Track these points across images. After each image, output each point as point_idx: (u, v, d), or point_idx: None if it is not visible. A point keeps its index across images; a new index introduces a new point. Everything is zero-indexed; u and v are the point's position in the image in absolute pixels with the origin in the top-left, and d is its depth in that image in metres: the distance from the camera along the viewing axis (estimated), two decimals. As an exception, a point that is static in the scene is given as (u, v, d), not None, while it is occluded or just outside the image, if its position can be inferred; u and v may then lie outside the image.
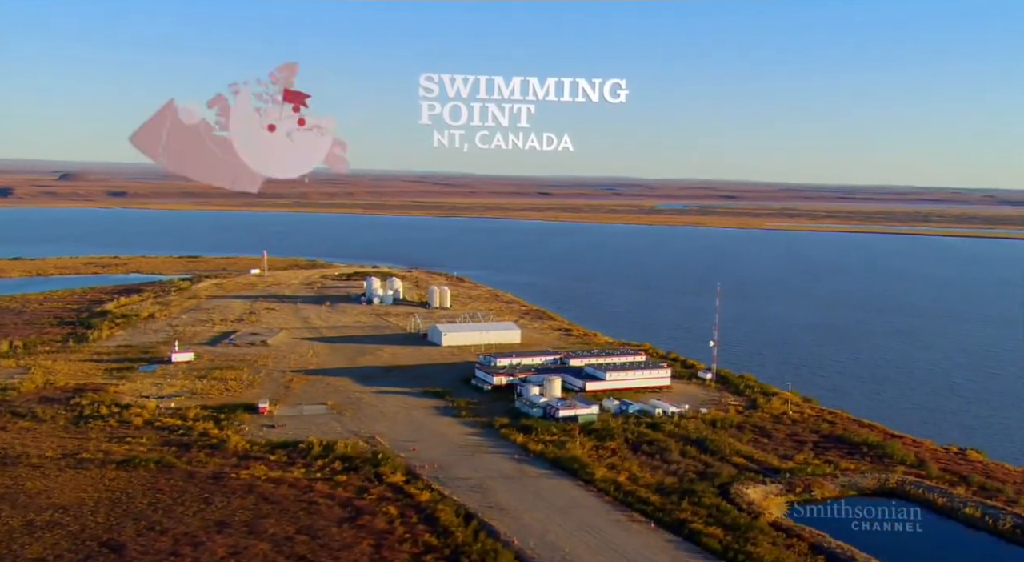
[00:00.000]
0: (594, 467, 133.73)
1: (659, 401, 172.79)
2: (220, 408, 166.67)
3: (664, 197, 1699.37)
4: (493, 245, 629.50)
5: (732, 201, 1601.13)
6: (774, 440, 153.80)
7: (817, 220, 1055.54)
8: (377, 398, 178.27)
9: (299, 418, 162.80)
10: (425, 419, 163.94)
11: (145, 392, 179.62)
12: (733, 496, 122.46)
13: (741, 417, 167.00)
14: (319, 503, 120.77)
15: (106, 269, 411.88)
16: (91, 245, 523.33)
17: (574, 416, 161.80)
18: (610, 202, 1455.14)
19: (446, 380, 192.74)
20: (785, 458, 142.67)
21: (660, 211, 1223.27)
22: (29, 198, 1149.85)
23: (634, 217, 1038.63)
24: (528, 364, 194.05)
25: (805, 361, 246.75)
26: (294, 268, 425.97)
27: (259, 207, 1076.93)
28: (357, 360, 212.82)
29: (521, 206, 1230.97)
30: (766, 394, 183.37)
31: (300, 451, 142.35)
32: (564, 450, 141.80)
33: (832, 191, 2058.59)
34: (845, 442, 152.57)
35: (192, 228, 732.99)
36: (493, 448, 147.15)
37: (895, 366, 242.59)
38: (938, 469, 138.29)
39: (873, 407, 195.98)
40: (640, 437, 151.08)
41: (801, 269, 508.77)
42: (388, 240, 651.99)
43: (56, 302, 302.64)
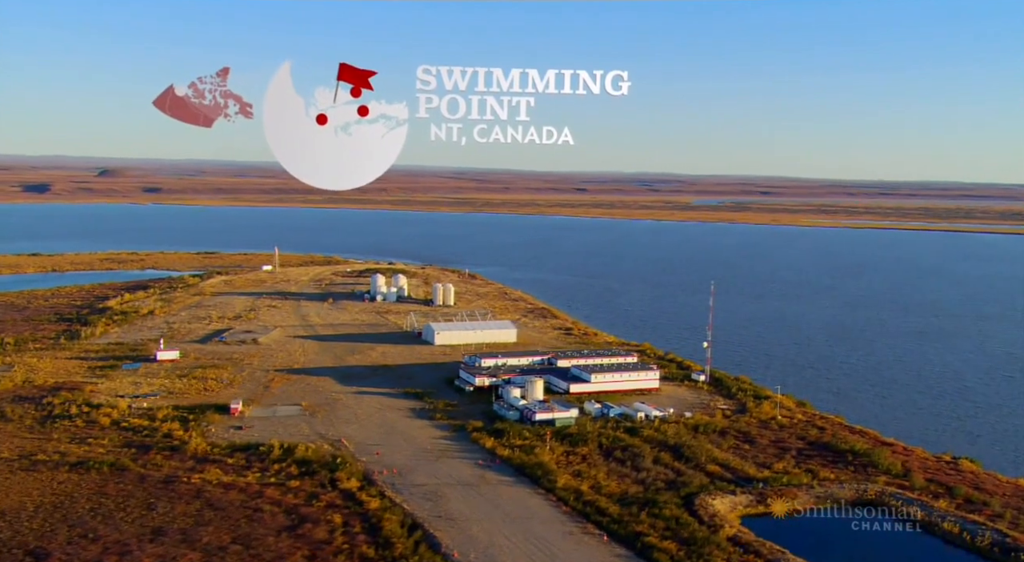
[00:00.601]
0: (558, 474, 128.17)
1: (643, 404, 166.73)
2: (192, 408, 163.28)
3: (702, 193, 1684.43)
4: (517, 242, 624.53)
5: (770, 197, 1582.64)
6: (756, 447, 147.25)
7: (854, 216, 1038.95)
8: (355, 399, 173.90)
9: (270, 419, 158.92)
10: (398, 421, 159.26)
11: (122, 391, 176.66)
12: (697, 508, 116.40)
13: (727, 422, 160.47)
14: (264, 510, 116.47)
15: (122, 265, 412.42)
16: (117, 241, 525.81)
17: (551, 420, 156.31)
18: (645, 198, 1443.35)
19: (430, 381, 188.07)
20: (763, 466, 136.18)
21: (695, 207, 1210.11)
22: (66, 194, 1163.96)
23: (667, 213, 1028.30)
24: (514, 365, 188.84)
25: (814, 362, 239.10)
26: (310, 264, 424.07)
27: (290, 203, 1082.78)
28: (345, 359, 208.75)
29: (554, 202, 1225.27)
30: (758, 397, 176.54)
31: (260, 454, 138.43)
32: (531, 456, 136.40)
33: (875, 187, 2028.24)
34: (831, 450, 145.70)
35: (219, 224, 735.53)
36: (460, 453, 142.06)
37: (907, 368, 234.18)
38: (924, 480, 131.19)
39: (875, 411, 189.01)
40: (615, 442, 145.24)
41: (830, 267, 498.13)
42: (412, 236, 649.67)
43: (62, 298, 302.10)
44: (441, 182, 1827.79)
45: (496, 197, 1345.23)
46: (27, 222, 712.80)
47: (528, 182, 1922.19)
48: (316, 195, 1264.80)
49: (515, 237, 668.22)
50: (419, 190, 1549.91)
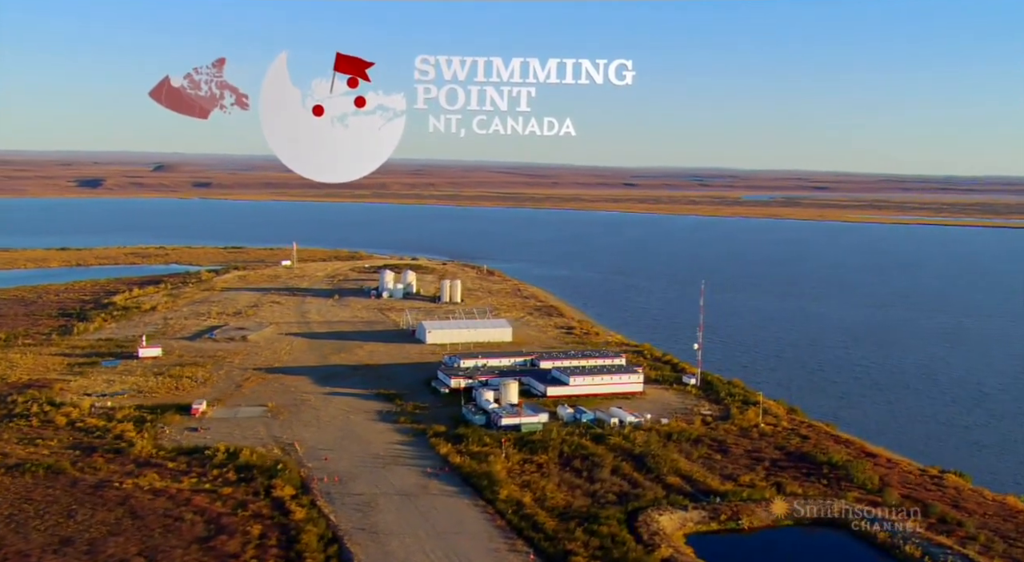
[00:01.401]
0: (504, 485, 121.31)
1: (619, 409, 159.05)
2: (154, 408, 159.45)
3: (753, 188, 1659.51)
4: (552, 237, 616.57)
5: (823, 192, 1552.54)
6: (729, 456, 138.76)
7: (907, 212, 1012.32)
8: (324, 400, 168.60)
9: (230, 421, 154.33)
10: (360, 424, 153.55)
11: (93, 389, 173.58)
12: (639, 525, 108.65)
13: (705, 429, 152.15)
14: (185, 519, 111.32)
15: (146, 260, 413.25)
16: (152, 235, 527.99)
17: (516, 425, 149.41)
18: (695, 193, 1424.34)
19: (409, 381, 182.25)
20: (729, 479, 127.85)
21: (744, 203, 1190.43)
22: (117, 189, 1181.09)
23: (713, 209, 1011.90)
24: (494, 366, 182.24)
25: (825, 365, 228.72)
26: (333, 260, 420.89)
27: (336, 198, 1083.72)
28: (330, 358, 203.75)
29: (600, 197, 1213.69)
30: (747, 403, 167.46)
31: (203, 458, 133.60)
32: (483, 464, 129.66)
33: (934, 182, 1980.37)
34: (808, 461, 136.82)
35: (258, 218, 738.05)
36: (413, 459, 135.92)
37: (924, 372, 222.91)
38: (899, 496, 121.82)
39: (878, 418, 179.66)
40: (577, 450, 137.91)
41: (870, 264, 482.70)
42: (448, 231, 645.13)
43: (73, 293, 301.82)
44: (492, 177, 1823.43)
45: (542, 192, 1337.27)
46: (70, 216, 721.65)
47: (578, 177, 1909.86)
48: (363, 190, 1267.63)
49: (552, 233, 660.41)
50: (469, 185, 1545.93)
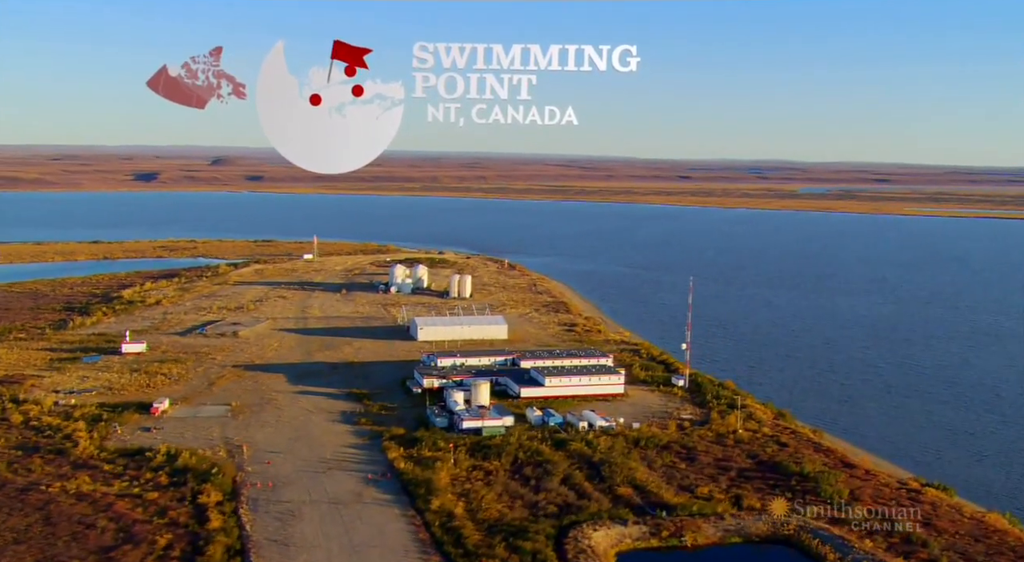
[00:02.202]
0: (440, 494, 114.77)
1: (591, 412, 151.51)
2: (116, 406, 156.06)
3: (812, 181, 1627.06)
4: (591, 230, 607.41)
5: (883, 185, 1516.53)
6: (695, 465, 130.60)
7: (968, 205, 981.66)
8: (291, 399, 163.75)
9: (187, 420, 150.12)
10: (318, 425, 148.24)
11: (66, 386, 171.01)
12: (568, 541, 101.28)
13: (678, 434, 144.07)
14: (98, 527, 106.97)
15: (173, 253, 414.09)
16: (188, 228, 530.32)
17: (478, 428, 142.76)
18: (750, 186, 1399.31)
19: (386, 380, 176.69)
20: (686, 490, 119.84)
21: (799, 196, 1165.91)
22: (171, 182, 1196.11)
23: (765, 202, 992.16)
24: (472, 365, 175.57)
25: (837, 365, 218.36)
26: (360, 253, 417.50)
27: (386, 191, 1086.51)
28: (314, 355, 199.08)
29: (651, 190, 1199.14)
30: (733, 407, 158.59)
31: (143, 460, 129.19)
32: (428, 471, 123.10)
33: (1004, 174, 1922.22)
34: (778, 471, 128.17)
35: (300, 212, 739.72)
36: (359, 463, 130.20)
37: (941, 374, 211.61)
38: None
39: (877, 424, 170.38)
40: (532, 457, 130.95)
41: (913, 259, 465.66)
42: (487, 224, 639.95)
43: (88, 286, 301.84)
44: (546, 169, 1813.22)
45: (594, 185, 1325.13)
46: (115, 209, 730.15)
47: (633, 170, 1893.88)
48: (412, 183, 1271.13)
49: (592, 226, 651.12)
50: (521, 178, 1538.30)
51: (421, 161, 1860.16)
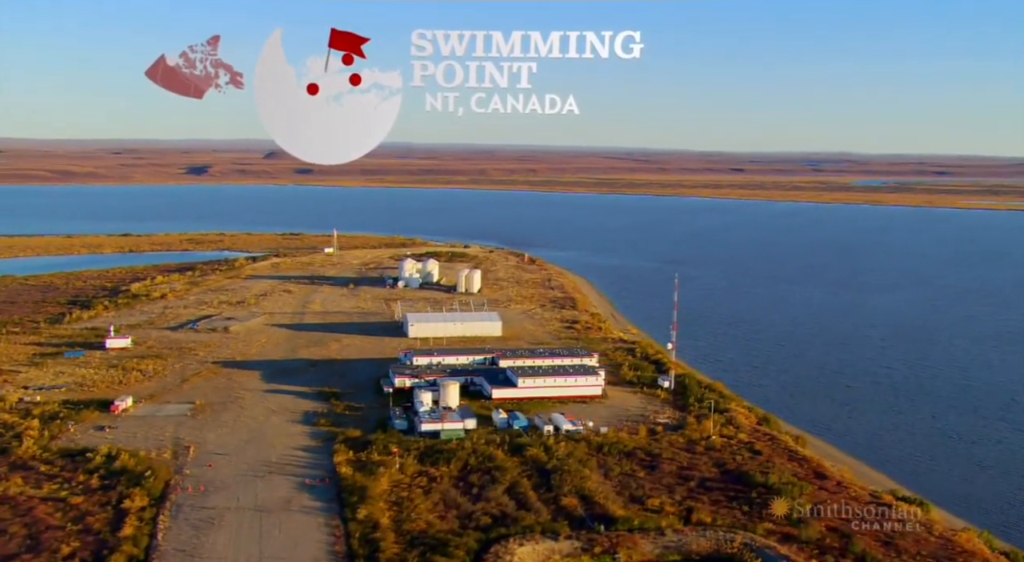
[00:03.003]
0: (372, 502, 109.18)
1: (560, 415, 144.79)
2: (78, 404, 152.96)
3: (868, 173, 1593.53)
4: (628, 224, 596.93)
5: (943, 177, 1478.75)
6: (656, 474, 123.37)
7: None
8: (258, 398, 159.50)
9: (146, 419, 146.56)
10: (276, 426, 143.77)
11: (40, 382, 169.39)
12: (489, 557, 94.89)
13: (647, 440, 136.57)
14: (9, 532, 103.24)
15: (198, 246, 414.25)
16: (220, 222, 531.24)
17: (436, 431, 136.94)
18: (803, 179, 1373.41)
19: (362, 379, 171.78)
20: (636, 501, 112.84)
21: (852, 188, 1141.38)
22: (221, 176, 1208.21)
23: (815, 195, 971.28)
24: (449, 364, 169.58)
25: (847, 366, 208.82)
26: (384, 246, 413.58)
27: (432, 184, 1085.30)
28: (299, 351, 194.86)
29: (700, 183, 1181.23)
30: (715, 410, 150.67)
31: (82, 461, 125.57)
32: (367, 477, 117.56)
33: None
34: (742, 481, 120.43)
35: (340, 205, 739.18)
36: (302, 467, 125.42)
37: (957, 376, 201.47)
38: (824, 528, 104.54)
39: (873, 430, 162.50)
40: (483, 463, 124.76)
41: (954, 255, 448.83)
42: (523, 217, 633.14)
43: (101, 280, 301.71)
44: (599, 162, 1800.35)
45: (644, 178, 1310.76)
46: (157, 202, 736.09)
47: (687, 162, 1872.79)
48: (460, 176, 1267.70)
49: (631, 219, 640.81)
50: (572, 170, 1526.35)
51: (473, 154, 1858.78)
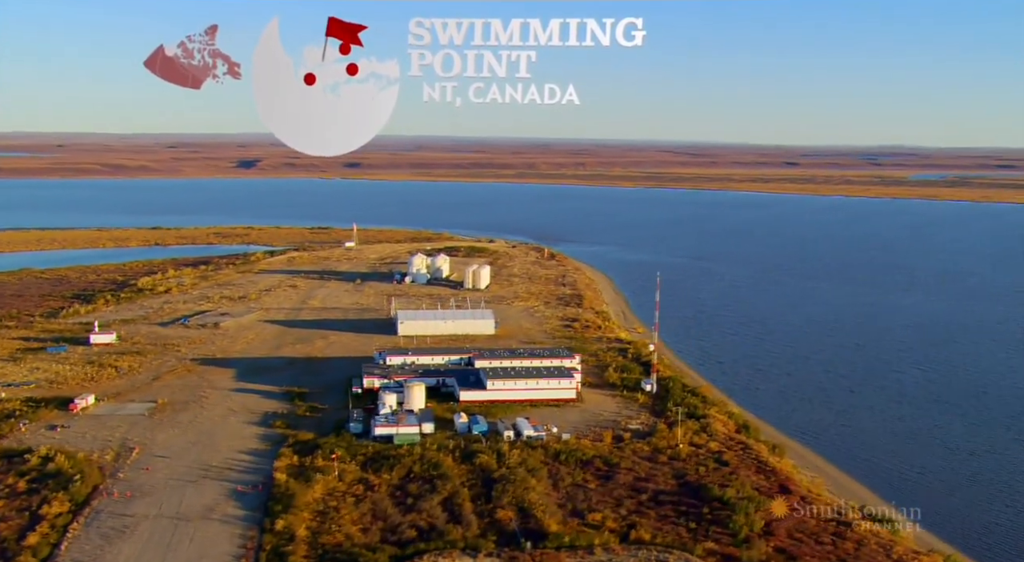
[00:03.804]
0: (296, 512, 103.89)
1: (524, 420, 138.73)
2: (40, 401, 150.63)
3: (928, 167, 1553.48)
4: (664, 218, 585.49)
5: (1005, 171, 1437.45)
6: (608, 486, 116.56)
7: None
8: (223, 397, 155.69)
9: (100, 418, 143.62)
10: (230, 427, 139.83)
11: (15, 377, 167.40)
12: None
13: (609, 448, 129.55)
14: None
15: (223, 240, 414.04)
16: (252, 215, 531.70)
17: (389, 435, 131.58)
18: (857, 173, 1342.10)
19: (337, 378, 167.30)
20: (577, 515, 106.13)
21: (908, 183, 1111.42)
22: (270, 169, 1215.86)
23: (866, 189, 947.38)
24: (423, 364, 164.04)
25: (857, 369, 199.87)
26: (410, 241, 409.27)
27: (480, 178, 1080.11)
28: (282, 349, 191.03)
29: (749, 177, 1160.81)
30: (693, 416, 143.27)
31: (19, 462, 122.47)
32: (302, 484, 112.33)
33: None
34: (698, 495, 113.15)
35: (379, 199, 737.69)
36: (240, 472, 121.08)
37: (973, 382, 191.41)
38: (772, 547, 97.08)
39: (867, 439, 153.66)
40: (427, 470, 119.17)
41: (1001, 252, 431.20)
42: (560, 211, 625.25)
43: (115, 273, 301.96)
44: (651, 156, 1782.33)
45: (693, 172, 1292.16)
46: (198, 196, 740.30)
47: (741, 156, 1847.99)
48: (508, 170, 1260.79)
49: (669, 213, 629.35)
50: (623, 164, 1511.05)
51: (527, 148, 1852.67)
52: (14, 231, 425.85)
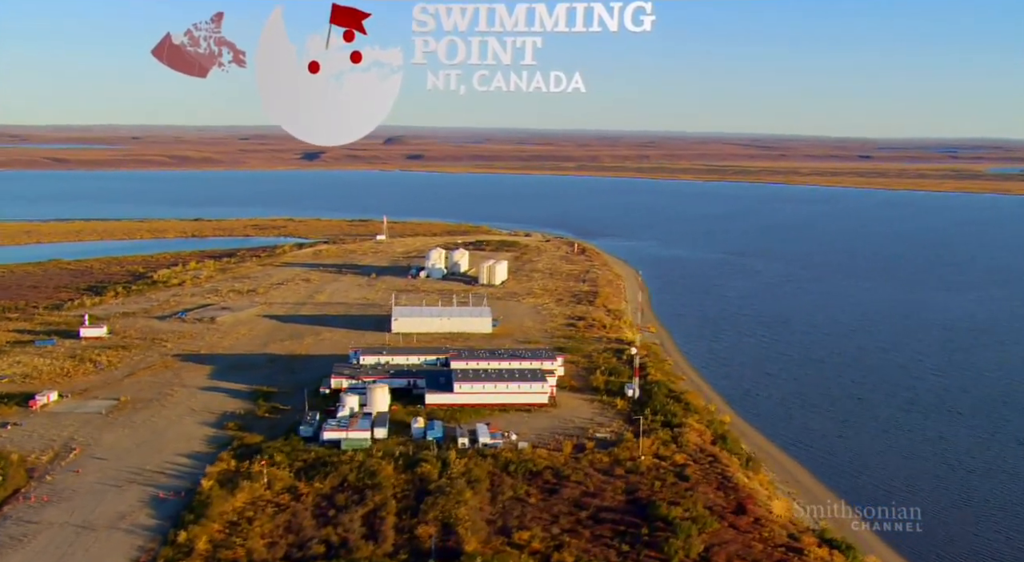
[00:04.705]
0: (203, 524, 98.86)
1: (484, 425, 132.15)
2: (4, 397, 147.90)
3: (1009, 160, 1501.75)
4: (717, 213, 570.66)
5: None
6: (549, 501, 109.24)
7: None
8: (189, 395, 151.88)
9: (56, 416, 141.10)
10: (182, 428, 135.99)
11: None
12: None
13: (565, 459, 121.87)
14: None
15: (260, 232, 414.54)
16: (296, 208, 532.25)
17: (337, 440, 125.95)
18: (932, 166, 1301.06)
19: (311, 377, 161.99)
20: (502, 534, 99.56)
21: (983, 176, 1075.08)
22: (333, 161, 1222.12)
23: (937, 183, 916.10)
24: (397, 364, 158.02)
25: (871, 374, 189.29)
26: (446, 234, 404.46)
27: (543, 171, 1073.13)
28: (269, 346, 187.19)
29: (816, 170, 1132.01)
30: (668, 425, 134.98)
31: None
32: (225, 492, 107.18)
33: None
34: (644, 513, 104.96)
35: (430, 191, 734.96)
36: (171, 477, 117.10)
37: (995, 391, 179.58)
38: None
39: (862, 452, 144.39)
40: (362, 479, 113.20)
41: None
42: (611, 205, 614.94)
43: (138, 265, 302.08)
44: (719, 148, 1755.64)
45: (757, 165, 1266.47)
46: (252, 187, 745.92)
47: (813, 148, 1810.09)
48: (569, 163, 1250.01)
49: (723, 207, 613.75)
50: (689, 157, 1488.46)
51: (594, 140, 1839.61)
52: (56, 222, 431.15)
